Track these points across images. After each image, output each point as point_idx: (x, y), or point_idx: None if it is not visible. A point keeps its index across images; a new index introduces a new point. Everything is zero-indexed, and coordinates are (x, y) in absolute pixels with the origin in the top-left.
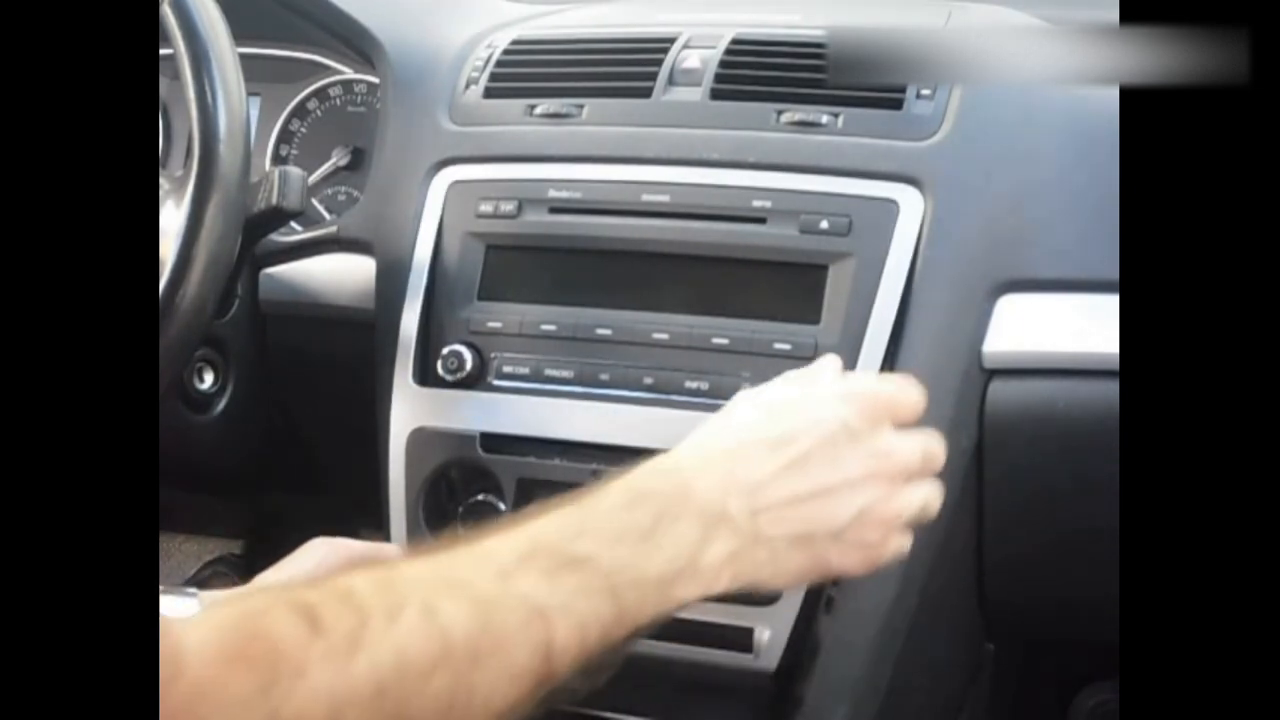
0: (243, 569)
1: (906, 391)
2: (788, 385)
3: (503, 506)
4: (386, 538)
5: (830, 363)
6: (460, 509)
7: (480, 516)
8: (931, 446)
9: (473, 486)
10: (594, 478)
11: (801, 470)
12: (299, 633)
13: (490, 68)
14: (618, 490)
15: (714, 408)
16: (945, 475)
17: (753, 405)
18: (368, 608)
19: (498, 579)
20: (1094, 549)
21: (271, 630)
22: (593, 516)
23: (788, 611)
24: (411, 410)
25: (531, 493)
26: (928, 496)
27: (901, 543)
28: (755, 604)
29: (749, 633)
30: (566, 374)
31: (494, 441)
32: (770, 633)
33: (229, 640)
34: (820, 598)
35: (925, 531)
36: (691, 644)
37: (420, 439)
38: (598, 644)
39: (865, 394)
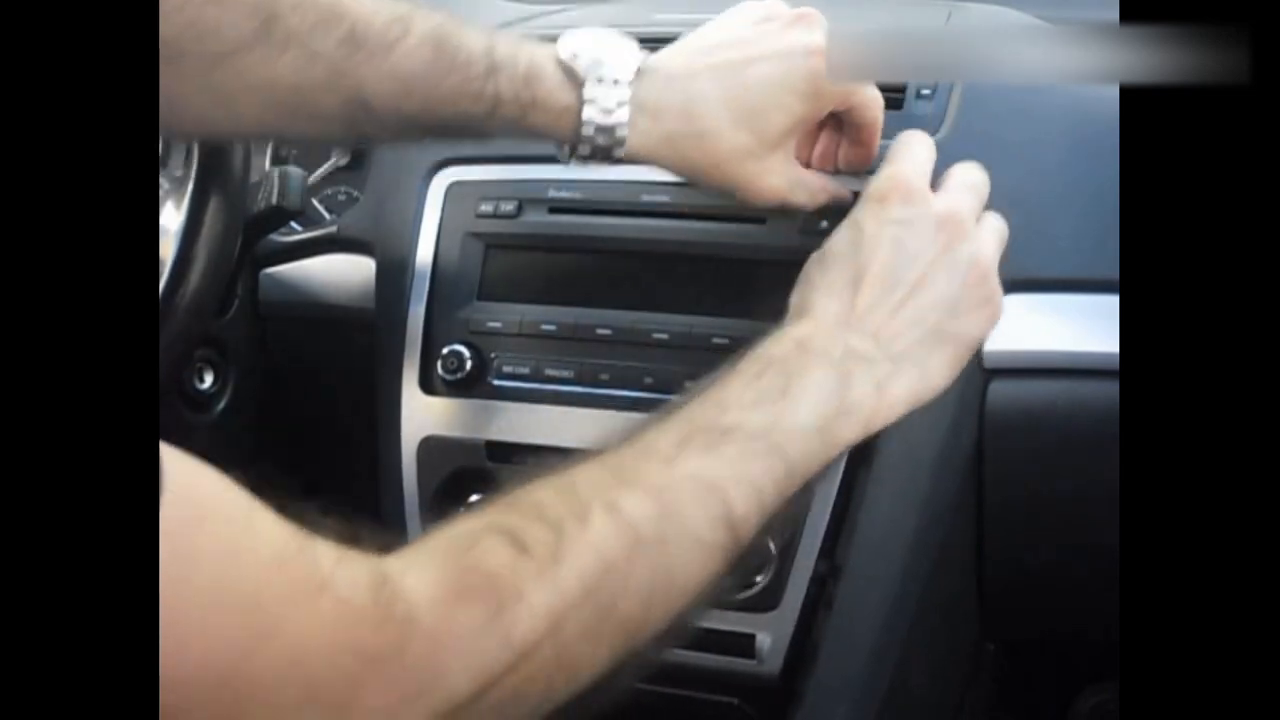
0: None
1: (920, 155)
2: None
3: None
4: (389, 539)
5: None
6: (462, 510)
7: None
8: (971, 179)
9: (476, 491)
10: None
11: (892, 283)
12: (509, 557)
13: None
14: (746, 363)
15: None
16: (945, 475)
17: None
18: (559, 518)
19: (664, 465)
20: (1094, 549)
21: (485, 561)
22: (729, 391)
23: (789, 616)
24: (420, 418)
25: None
26: (995, 226)
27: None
28: (756, 610)
29: (751, 639)
30: (566, 374)
31: (498, 450)
32: (772, 638)
33: (449, 578)
34: (819, 601)
35: (925, 531)
36: (694, 650)
37: (430, 448)
38: (775, 504)
39: (899, 188)
